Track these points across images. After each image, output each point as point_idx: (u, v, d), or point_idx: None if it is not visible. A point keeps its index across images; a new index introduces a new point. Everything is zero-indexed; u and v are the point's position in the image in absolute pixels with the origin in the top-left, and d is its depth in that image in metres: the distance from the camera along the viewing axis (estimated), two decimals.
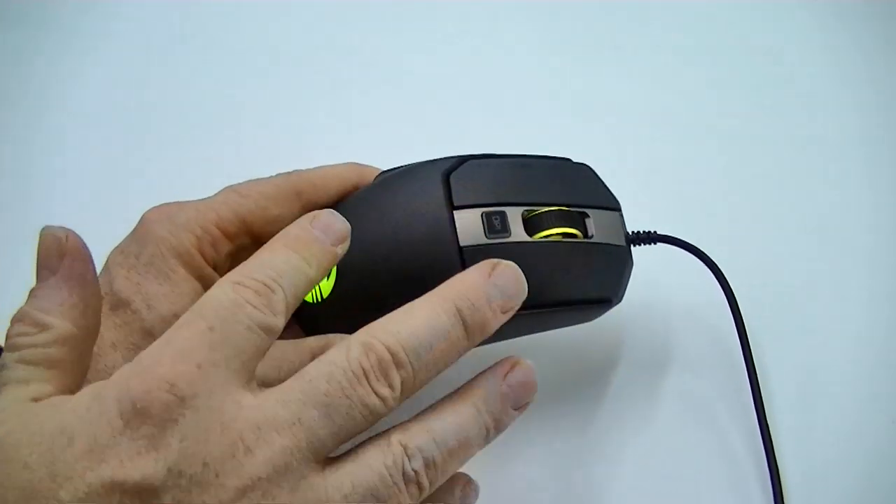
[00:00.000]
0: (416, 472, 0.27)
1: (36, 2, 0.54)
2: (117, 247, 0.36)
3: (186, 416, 0.25)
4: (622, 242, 0.37)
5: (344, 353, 0.27)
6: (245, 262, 0.29)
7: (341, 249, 0.30)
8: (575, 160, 0.38)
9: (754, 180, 0.47)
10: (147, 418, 0.25)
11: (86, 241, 0.35)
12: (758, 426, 0.38)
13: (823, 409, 0.40)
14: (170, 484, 0.25)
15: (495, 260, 0.30)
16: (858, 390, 0.40)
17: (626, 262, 0.37)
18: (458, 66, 0.52)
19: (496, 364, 0.30)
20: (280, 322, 0.28)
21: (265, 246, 0.30)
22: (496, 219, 0.34)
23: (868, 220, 0.45)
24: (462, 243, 0.34)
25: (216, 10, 0.54)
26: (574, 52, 0.52)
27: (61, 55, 0.52)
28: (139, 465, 0.25)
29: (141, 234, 0.35)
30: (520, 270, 0.30)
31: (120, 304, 0.34)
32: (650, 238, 0.38)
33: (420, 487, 0.28)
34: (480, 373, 0.30)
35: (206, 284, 0.35)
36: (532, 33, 0.53)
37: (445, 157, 0.36)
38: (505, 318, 0.30)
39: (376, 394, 0.27)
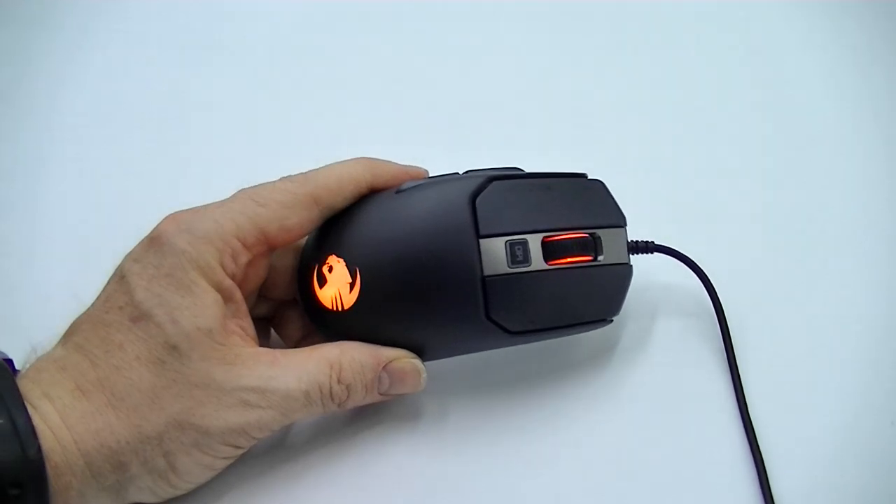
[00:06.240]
0: None
1: (36, 2, 0.53)
2: (131, 255, 0.35)
3: None
4: (625, 259, 0.39)
5: None
6: None
7: None
8: (590, 177, 0.39)
9: (756, 183, 0.47)
10: None
11: (89, 240, 0.35)
12: (745, 434, 0.37)
13: (821, 410, 0.38)
14: None
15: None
16: (857, 392, 0.39)
17: (627, 280, 0.39)
18: (460, 68, 0.52)
19: None
20: None
21: None
22: (518, 249, 0.35)
23: (868, 225, 0.44)
24: (486, 272, 0.35)
25: (220, 9, 0.54)
26: (574, 54, 0.52)
27: (61, 55, 0.51)
28: None
29: (159, 244, 0.34)
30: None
31: (142, 317, 0.33)
32: (648, 248, 0.40)
33: None
34: None
35: (226, 296, 0.35)
36: (532, 36, 0.53)
37: (470, 174, 0.36)
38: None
39: None
